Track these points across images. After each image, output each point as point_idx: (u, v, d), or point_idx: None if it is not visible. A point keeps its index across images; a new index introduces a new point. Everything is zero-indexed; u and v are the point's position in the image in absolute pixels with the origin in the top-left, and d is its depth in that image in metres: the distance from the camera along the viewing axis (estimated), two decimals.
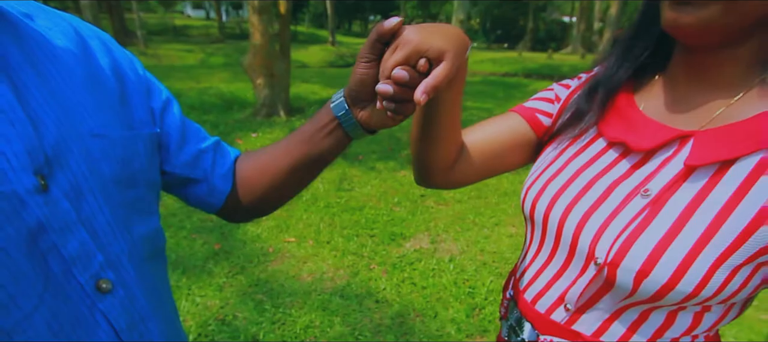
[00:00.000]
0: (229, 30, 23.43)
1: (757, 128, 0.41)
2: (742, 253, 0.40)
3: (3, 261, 0.30)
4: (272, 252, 2.40)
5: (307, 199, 3.08)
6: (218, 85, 7.59)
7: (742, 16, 0.39)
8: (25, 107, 0.33)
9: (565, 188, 0.52)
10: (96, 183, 0.37)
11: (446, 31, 0.44)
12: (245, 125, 5.08)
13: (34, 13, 0.40)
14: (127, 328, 0.38)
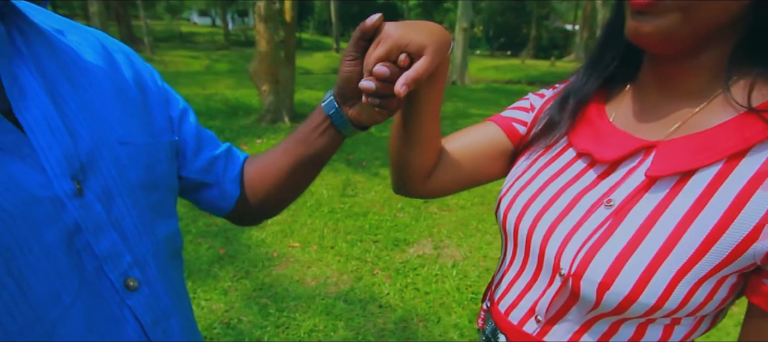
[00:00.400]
0: (235, 37, 23.67)
1: (716, 139, 0.41)
2: (703, 265, 0.39)
3: (48, 259, 0.33)
4: (277, 256, 2.42)
5: (311, 204, 3.10)
6: (223, 91, 7.66)
7: (701, 25, 0.39)
8: (63, 118, 0.36)
9: (534, 199, 0.51)
10: (124, 187, 0.40)
11: (427, 27, 0.45)
12: (250, 131, 5.12)
13: (65, 28, 0.43)
14: (151, 324, 0.41)
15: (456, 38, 11.85)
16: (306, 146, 0.53)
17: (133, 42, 15.13)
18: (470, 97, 9.02)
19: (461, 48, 11.63)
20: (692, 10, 0.38)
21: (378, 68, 0.42)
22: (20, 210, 0.31)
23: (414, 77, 0.42)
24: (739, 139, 0.39)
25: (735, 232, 0.38)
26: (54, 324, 0.33)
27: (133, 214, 0.40)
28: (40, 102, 0.34)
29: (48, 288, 0.33)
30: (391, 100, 0.46)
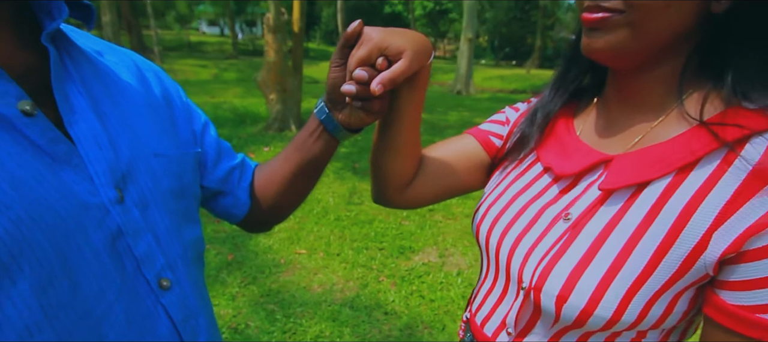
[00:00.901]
0: (243, 46, 24.00)
1: (668, 151, 0.41)
2: (656, 278, 0.39)
3: (95, 259, 0.36)
4: (284, 263, 2.45)
5: (317, 212, 3.14)
6: (232, 99, 7.77)
7: (650, 40, 0.40)
8: (106, 132, 0.40)
9: (502, 213, 0.52)
10: (157, 195, 0.43)
11: (407, 33, 0.47)
12: (257, 139, 5.19)
13: (103, 50, 0.47)
14: (182, 321, 0.44)
15: (461, 48, 11.93)
16: (303, 152, 0.56)
17: (143, 51, 15.40)
18: (475, 107, 9.06)
19: (466, 58, 11.70)
20: (640, 26, 0.39)
21: (357, 72, 0.45)
22: (72, 215, 0.35)
23: (390, 77, 0.44)
24: (687, 152, 0.40)
25: (683, 244, 0.38)
26: (100, 319, 0.36)
27: (165, 219, 0.44)
28: (87, 117, 0.38)
29: (95, 286, 0.36)
30: (373, 102, 0.49)
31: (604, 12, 0.40)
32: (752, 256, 0.35)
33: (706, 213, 0.37)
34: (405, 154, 0.58)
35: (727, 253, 0.36)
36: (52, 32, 0.36)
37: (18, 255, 0.31)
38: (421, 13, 29.30)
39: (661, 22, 0.39)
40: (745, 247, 0.35)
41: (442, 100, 10.56)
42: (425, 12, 29.20)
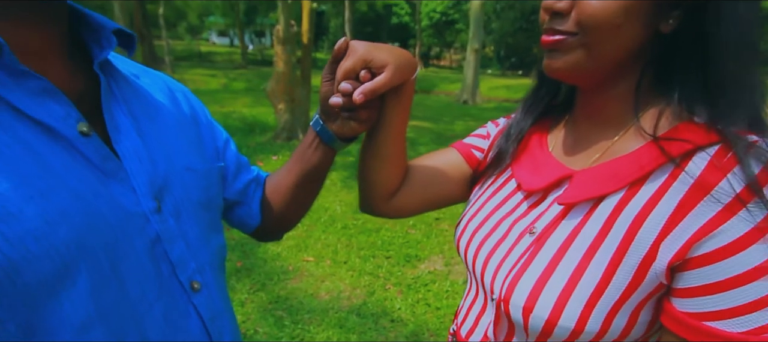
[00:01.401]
0: (252, 56, 24.36)
1: (622, 166, 0.42)
2: (613, 289, 0.40)
3: (138, 263, 0.40)
4: (292, 270, 2.49)
5: (325, 220, 3.18)
6: (241, 109, 7.89)
7: (604, 60, 0.42)
8: (146, 148, 0.44)
9: (479, 228, 0.54)
10: (189, 206, 0.47)
11: (392, 49, 0.50)
12: (266, 148, 5.27)
13: (139, 73, 0.52)
14: (210, 320, 0.48)
15: (467, 58, 12.00)
16: (304, 163, 0.60)
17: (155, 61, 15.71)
18: (481, 116, 9.09)
19: (472, 68, 11.77)
20: (594, 47, 0.41)
21: (342, 85, 0.49)
22: (120, 223, 0.39)
23: (371, 88, 0.48)
24: (637, 167, 0.41)
25: (634, 255, 0.39)
26: (142, 317, 0.40)
27: (195, 228, 0.48)
28: (130, 136, 0.43)
29: (138, 287, 0.40)
30: (360, 112, 0.53)
31: (560, 35, 0.42)
32: (696, 263, 0.36)
33: (653, 224, 0.38)
34: (390, 163, 0.60)
35: (674, 261, 0.37)
36: (102, 61, 0.40)
37: (77, 259, 0.35)
38: (427, 24, 29.52)
39: (613, 43, 0.41)
40: (689, 255, 0.37)
41: (449, 109, 10.61)
42: (432, 22, 29.42)
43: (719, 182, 0.36)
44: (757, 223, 0.34)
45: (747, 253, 0.34)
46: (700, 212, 0.36)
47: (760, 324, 0.34)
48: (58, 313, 0.34)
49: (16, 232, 0.31)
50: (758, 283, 0.34)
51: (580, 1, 0.41)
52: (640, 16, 0.40)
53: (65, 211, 0.34)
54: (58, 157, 0.36)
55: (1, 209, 0.31)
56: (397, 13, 30.36)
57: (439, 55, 38.79)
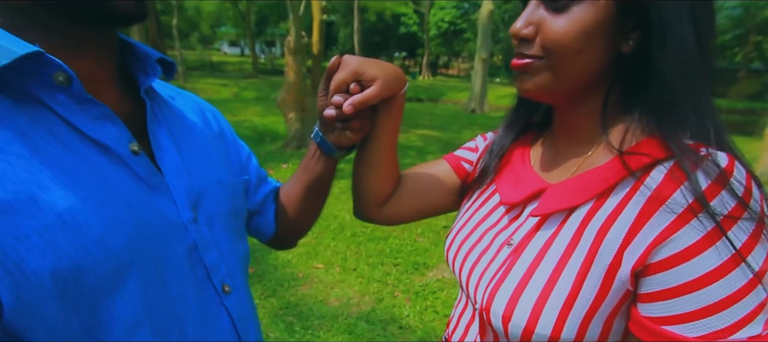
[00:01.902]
0: (262, 66, 24.72)
1: (591, 179, 0.44)
2: (584, 297, 0.41)
3: (178, 268, 0.44)
4: (302, 277, 2.53)
5: (334, 227, 3.23)
6: (252, 118, 8.01)
7: (570, 81, 0.44)
8: (183, 164, 0.48)
9: (465, 240, 0.55)
10: (220, 216, 0.51)
11: (383, 64, 0.53)
12: (276, 157, 5.35)
13: (174, 94, 0.56)
14: (239, 321, 0.51)
15: (475, 67, 12.05)
16: (308, 173, 0.63)
17: None
18: (489, 125, 9.10)
19: (481, 77, 11.81)
20: (559, 69, 0.44)
21: (335, 98, 0.52)
22: (163, 231, 0.42)
23: (359, 100, 0.51)
24: (603, 180, 0.43)
25: (601, 263, 0.41)
26: (182, 317, 0.44)
27: (225, 236, 0.51)
28: (170, 153, 0.47)
29: (178, 290, 0.44)
30: (352, 123, 0.56)
31: (528, 58, 0.45)
32: (654, 269, 0.38)
33: (617, 233, 0.40)
34: (382, 171, 0.63)
35: (636, 267, 0.39)
36: (147, 87, 0.46)
37: (129, 263, 0.38)
38: (435, 33, 29.69)
39: (577, 64, 0.43)
40: (649, 261, 0.38)
41: (457, 118, 10.64)
42: (440, 32, 29.59)
43: (673, 193, 0.38)
44: (707, 231, 0.36)
45: (698, 260, 0.36)
46: (657, 221, 0.38)
47: (712, 329, 0.35)
48: (112, 312, 0.37)
49: (82, 240, 0.35)
50: (708, 289, 0.35)
51: (544, 27, 0.43)
52: (600, 39, 0.42)
53: (120, 221, 0.38)
54: (113, 172, 0.40)
55: (70, 220, 0.35)
56: (406, 23, 30.60)
57: (447, 64, 38.89)
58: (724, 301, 0.35)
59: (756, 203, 0.36)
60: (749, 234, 0.36)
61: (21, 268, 0.32)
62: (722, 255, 0.36)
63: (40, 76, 0.36)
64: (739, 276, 0.35)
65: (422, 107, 14.02)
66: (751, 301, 0.35)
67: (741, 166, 0.38)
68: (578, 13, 0.42)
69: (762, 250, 0.36)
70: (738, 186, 0.36)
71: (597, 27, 0.41)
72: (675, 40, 0.40)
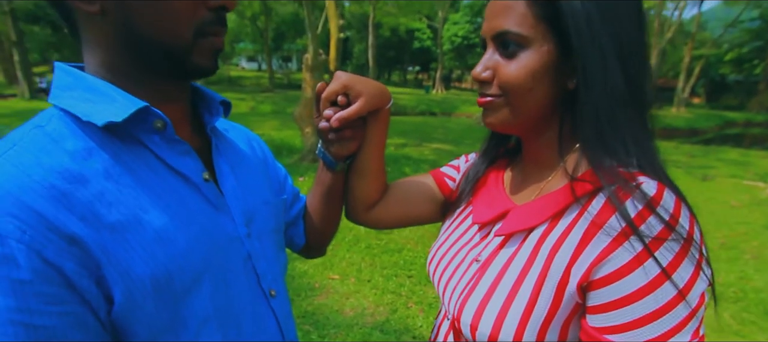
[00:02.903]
0: (278, 80, 25.28)
1: (547, 203, 0.49)
2: (539, 309, 0.45)
3: (237, 276, 0.51)
4: (318, 287, 2.61)
5: (349, 240, 3.31)
6: (269, 132, 8.21)
7: (527, 115, 0.50)
8: (239, 187, 0.55)
9: (443, 257, 0.61)
10: (267, 231, 0.59)
11: (369, 82, 0.59)
12: (292, 170, 5.48)
13: (228, 128, 0.65)
14: (282, 321, 0.58)
15: None
16: (321, 184, 0.71)
17: None
18: None
19: None
20: (515, 105, 0.50)
21: (326, 112, 0.59)
22: (226, 244, 0.50)
23: (344, 115, 0.58)
24: (556, 203, 0.48)
25: (552, 278, 0.45)
26: (239, 316, 0.51)
27: (270, 248, 0.59)
28: (229, 179, 0.54)
29: (237, 293, 0.51)
30: (344, 133, 0.62)
31: (489, 97, 0.51)
32: (596, 285, 0.42)
33: (565, 253, 0.45)
34: (370, 178, 0.68)
35: (581, 283, 0.43)
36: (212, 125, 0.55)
37: (204, 271, 0.46)
38: (449, 48, 29.89)
39: (530, 100, 0.49)
40: (591, 278, 0.43)
41: (470, 132, 10.68)
42: (453, 46, 29.78)
43: (609, 219, 0.42)
44: (637, 253, 0.40)
45: (630, 278, 0.40)
46: (596, 243, 0.43)
47: (646, 338, 0.39)
48: (190, 309, 0.45)
49: (172, 252, 0.43)
50: (640, 303, 0.40)
51: (499, 71, 0.50)
52: (546, 79, 0.48)
53: (197, 237, 0.46)
54: (191, 197, 0.48)
55: (164, 236, 0.43)
56: (420, 38, 30.93)
57: (461, 77, 38.98)
58: (654, 313, 0.39)
59: (682, 227, 0.40)
60: (675, 253, 0.40)
61: (129, 274, 0.40)
62: (650, 273, 0.40)
63: (143, 123, 0.45)
64: (667, 291, 0.39)
65: (436, 121, 14.11)
66: (678, 313, 0.39)
67: (671, 192, 0.42)
68: (525, 58, 0.48)
69: (689, 266, 0.40)
70: (664, 212, 0.41)
71: (542, 69, 0.47)
72: (599, 82, 0.45)
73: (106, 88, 0.44)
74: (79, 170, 0.40)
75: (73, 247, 0.38)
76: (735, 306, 2.55)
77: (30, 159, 0.39)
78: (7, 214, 0.35)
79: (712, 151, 8.97)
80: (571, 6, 0.45)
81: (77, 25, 0.45)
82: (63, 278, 0.37)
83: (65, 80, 0.45)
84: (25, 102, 13.76)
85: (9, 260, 0.35)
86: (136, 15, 0.42)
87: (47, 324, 0.36)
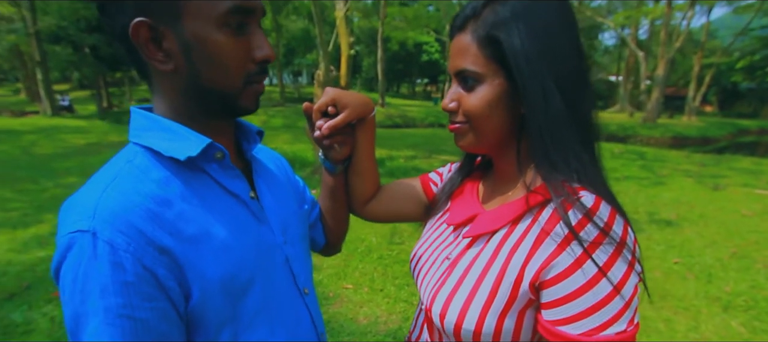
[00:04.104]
0: (289, 94, 25.67)
1: (507, 210, 0.56)
2: (498, 301, 0.52)
3: (279, 276, 0.60)
4: (332, 296, 2.69)
5: (362, 250, 3.39)
6: (282, 146, 8.36)
7: (488, 137, 0.58)
8: (275, 202, 0.64)
9: (422, 255, 0.68)
10: (298, 237, 0.67)
11: (354, 95, 0.69)
12: (305, 183, 5.61)
13: (259, 150, 0.72)
14: (314, 315, 0.66)
15: None
16: (326, 187, 0.80)
17: None
18: None
19: None
20: (478, 130, 0.57)
21: (318, 122, 0.69)
22: (270, 251, 0.59)
23: (333, 124, 0.67)
24: (514, 211, 0.55)
25: (510, 276, 0.52)
26: (282, 310, 0.60)
27: (302, 253, 0.67)
28: (267, 195, 0.63)
29: (280, 292, 0.60)
30: (336, 138, 0.71)
31: (457, 124, 0.59)
32: (546, 285, 0.49)
33: (521, 254, 0.51)
34: (364, 177, 0.78)
35: (533, 282, 0.50)
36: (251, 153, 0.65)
37: (255, 273, 0.55)
38: None
39: (490, 126, 0.56)
40: (541, 278, 0.49)
41: None
42: None
43: (555, 227, 0.49)
44: (578, 256, 0.47)
45: (573, 277, 0.47)
46: (545, 248, 0.49)
47: (588, 328, 0.46)
48: (245, 305, 0.54)
49: (233, 258, 0.52)
50: (582, 298, 0.46)
51: (462, 102, 0.58)
52: (501, 107, 0.55)
53: (249, 246, 0.56)
54: (242, 213, 0.57)
55: (226, 245, 0.52)
56: (428, 51, 31.19)
57: None
58: (594, 307, 0.46)
59: (616, 233, 0.47)
60: (609, 255, 0.46)
61: (203, 276, 0.50)
62: (588, 273, 0.46)
63: (206, 155, 0.54)
64: (604, 287, 0.46)
65: (444, 133, 14.17)
66: (614, 306, 0.46)
67: (607, 204, 0.49)
68: (482, 91, 0.55)
69: (622, 265, 0.46)
70: (600, 220, 0.47)
71: (496, 99, 0.55)
72: (541, 109, 0.51)
73: (178, 128, 0.54)
74: (164, 195, 0.50)
75: (163, 256, 0.47)
76: (745, 315, 2.56)
77: (130, 187, 0.48)
78: (117, 231, 0.45)
79: (724, 159, 8.85)
80: (512, 46, 0.52)
81: (150, 76, 0.55)
82: (156, 280, 0.46)
83: (142, 122, 0.55)
84: (47, 119, 14.25)
85: (119, 266, 0.44)
86: (201, 71, 0.52)
87: (144, 317, 0.45)
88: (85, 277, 0.44)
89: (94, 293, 0.44)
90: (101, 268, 0.44)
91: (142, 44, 0.50)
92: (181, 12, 0.49)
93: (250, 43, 0.54)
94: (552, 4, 0.54)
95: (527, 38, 0.52)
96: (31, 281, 2.78)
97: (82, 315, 0.44)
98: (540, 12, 0.53)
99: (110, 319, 0.44)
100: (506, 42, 0.52)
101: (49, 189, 5.45)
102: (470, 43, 0.55)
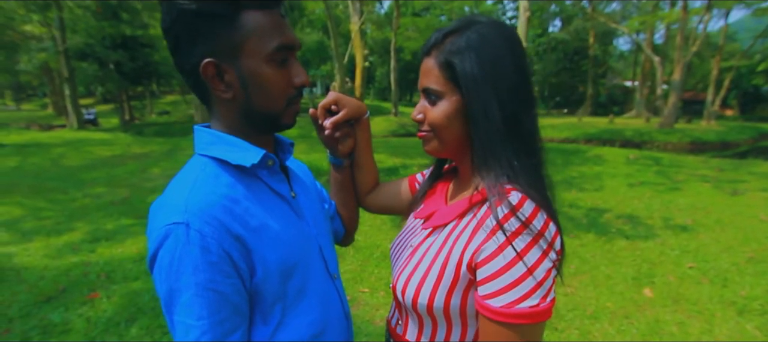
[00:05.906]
0: (304, 105, 26.00)
1: (458, 207, 0.66)
2: (446, 279, 0.62)
3: (315, 262, 0.70)
4: (350, 300, 2.76)
5: (377, 256, 3.48)
6: (298, 155, 8.36)
7: (449, 144, 0.67)
8: (307, 200, 0.75)
9: (397, 243, 0.80)
10: (326, 230, 0.78)
11: (351, 99, 0.80)
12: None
13: (290, 160, 0.85)
14: (341, 297, 0.76)
15: None
16: (335, 181, 0.92)
17: None
18: None
19: None
20: (440, 138, 0.67)
21: (325, 123, 0.79)
22: (307, 241, 0.70)
23: (334, 119, 0.78)
24: (461, 206, 0.65)
25: (453, 259, 0.61)
26: (318, 289, 0.70)
27: (330, 242, 0.79)
28: (301, 195, 0.74)
29: (316, 275, 0.70)
30: (340, 130, 0.82)
31: (424, 132, 0.69)
32: (479, 265, 0.58)
33: (461, 242, 0.62)
34: (365, 170, 0.91)
35: (470, 264, 0.59)
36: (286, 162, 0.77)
37: (299, 260, 0.65)
38: None
39: (449, 135, 0.66)
40: (475, 260, 0.59)
41: None
42: None
43: (487, 219, 0.59)
44: (500, 243, 0.56)
45: (497, 259, 0.56)
46: (478, 236, 0.59)
47: (507, 301, 0.55)
48: (291, 285, 0.64)
49: (283, 246, 0.63)
50: (502, 277, 0.56)
51: (427, 114, 0.67)
52: (458, 118, 0.64)
53: (294, 237, 0.66)
54: (286, 210, 0.68)
55: (278, 236, 0.63)
56: None
57: None
58: (510, 285, 0.55)
59: (535, 226, 0.56)
60: (526, 243, 0.55)
61: (265, 260, 0.61)
62: (507, 257, 0.56)
63: (261, 163, 0.65)
64: (519, 269, 0.55)
65: None
66: (528, 284, 0.55)
67: (532, 202, 0.57)
68: (442, 105, 0.65)
69: (537, 252, 0.55)
70: (521, 215, 0.56)
71: (453, 113, 0.64)
72: (481, 123, 0.61)
73: (238, 142, 0.65)
74: (233, 195, 0.61)
75: (237, 243, 0.58)
76: (761, 318, 2.55)
77: (209, 189, 0.60)
78: (204, 222, 0.56)
79: (743, 164, 8.63)
80: (464, 71, 0.62)
81: (211, 102, 0.65)
82: (231, 261, 0.57)
83: (208, 138, 0.65)
84: (73, 132, 14.79)
85: (207, 250, 0.55)
86: (253, 97, 0.62)
87: (223, 290, 0.56)
88: (180, 258, 0.54)
89: (188, 271, 0.54)
90: (193, 251, 0.54)
91: (210, 79, 0.61)
92: (239, 52, 0.60)
93: (290, 72, 0.65)
94: (501, 36, 0.63)
95: (476, 65, 0.61)
96: (67, 285, 2.95)
97: (175, 290, 0.55)
98: (489, 43, 0.62)
99: (200, 291, 0.55)
100: (459, 66, 0.62)
101: (79, 199, 5.71)
102: (433, 66, 0.65)
